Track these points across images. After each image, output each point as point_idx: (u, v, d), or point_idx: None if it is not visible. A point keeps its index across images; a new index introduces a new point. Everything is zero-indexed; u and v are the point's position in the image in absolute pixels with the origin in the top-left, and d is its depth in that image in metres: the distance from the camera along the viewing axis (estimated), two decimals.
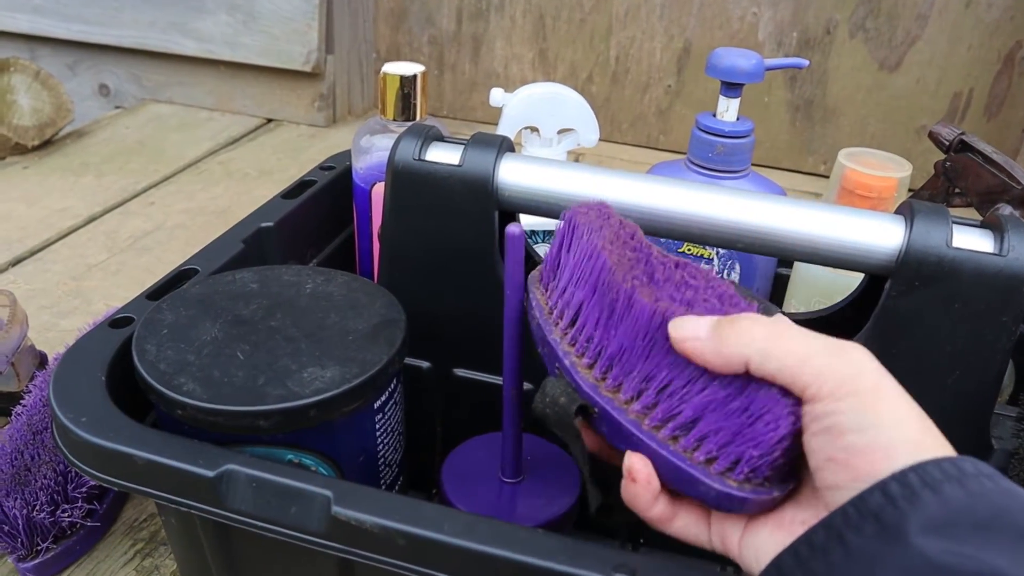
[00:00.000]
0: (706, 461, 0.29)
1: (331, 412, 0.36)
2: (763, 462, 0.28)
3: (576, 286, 0.32)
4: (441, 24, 1.19)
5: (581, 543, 0.30)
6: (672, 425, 0.29)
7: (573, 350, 0.32)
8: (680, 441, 0.29)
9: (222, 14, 1.13)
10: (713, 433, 0.28)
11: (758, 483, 0.29)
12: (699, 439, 0.29)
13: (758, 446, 0.28)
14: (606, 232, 0.32)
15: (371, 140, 0.54)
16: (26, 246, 0.83)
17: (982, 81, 1.02)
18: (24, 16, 1.19)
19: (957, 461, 0.24)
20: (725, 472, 0.29)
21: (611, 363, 0.30)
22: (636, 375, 0.30)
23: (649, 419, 0.30)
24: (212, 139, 1.12)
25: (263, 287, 0.42)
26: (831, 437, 0.26)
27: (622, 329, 0.30)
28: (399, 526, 0.30)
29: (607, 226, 0.33)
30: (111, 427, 0.34)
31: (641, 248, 0.33)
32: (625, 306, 0.30)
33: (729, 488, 0.28)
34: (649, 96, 1.15)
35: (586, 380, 0.31)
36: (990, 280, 0.37)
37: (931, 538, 0.23)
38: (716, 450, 0.28)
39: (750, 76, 0.51)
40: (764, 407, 0.28)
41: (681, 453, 0.29)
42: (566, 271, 0.32)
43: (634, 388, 0.30)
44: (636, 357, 0.30)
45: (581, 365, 0.31)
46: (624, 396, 0.30)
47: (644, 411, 0.30)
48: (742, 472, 0.28)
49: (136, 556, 0.49)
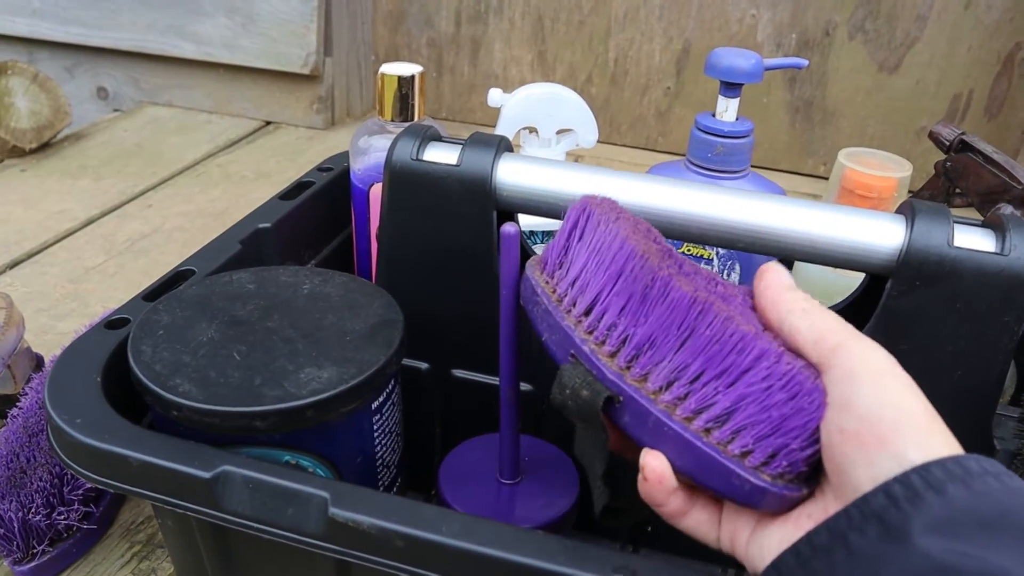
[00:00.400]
0: (741, 454, 0.28)
1: (328, 413, 0.35)
2: (802, 455, 0.28)
3: (595, 274, 0.30)
4: (440, 26, 1.19)
5: (581, 544, 0.30)
6: (706, 416, 0.28)
7: (591, 338, 0.30)
8: (713, 433, 0.28)
9: (220, 17, 1.13)
10: (751, 425, 0.28)
11: (791, 478, 0.28)
12: (735, 431, 0.28)
13: (799, 438, 0.27)
14: (624, 223, 0.31)
15: (369, 141, 0.54)
16: (24, 249, 0.83)
17: (982, 82, 1.02)
18: (23, 19, 1.19)
19: (962, 460, 0.24)
20: (760, 466, 0.28)
21: (638, 352, 0.29)
22: (667, 364, 0.29)
23: (680, 410, 0.28)
24: (210, 142, 1.12)
25: (260, 288, 0.42)
26: (842, 407, 0.27)
27: (654, 317, 0.29)
28: (397, 527, 0.30)
29: (623, 218, 0.32)
30: (106, 428, 0.34)
31: (660, 241, 0.33)
32: (661, 293, 0.29)
33: (763, 482, 0.28)
34: (648, 98, 1.14)
35: (610, 369, 0.29)
36: (992, 280, 0.37)
37: (935, 538, 0.23)
38: (752, 443, 0.28)
39: (749, 76, 0.51)
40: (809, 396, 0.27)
41: (715, 445, 0.28)
42: (580, 258, 0.31)
43: (664, 378, 0.29)
44: (668, 346, 0.29)
45: (602, 353, 0.30)
46: (652, 386, 0.29)
47: (675, 402, 0.29)
48: (779, 466, 0.28)
49: (133, 559, 0.49)
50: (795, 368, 0.28)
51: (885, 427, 0.25)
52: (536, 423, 0.45)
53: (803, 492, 0.28)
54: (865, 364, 0.27)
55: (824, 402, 0.27)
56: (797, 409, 0.27)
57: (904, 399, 0.26)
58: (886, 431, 0.25)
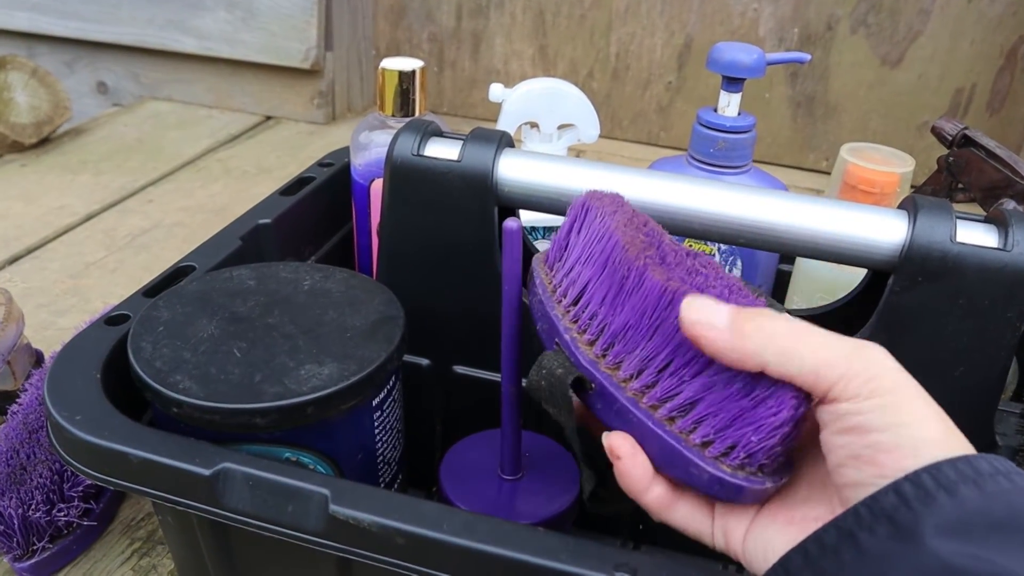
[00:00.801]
0: (702, 444, 0.28)
1: (329, 410, 0.35)
2: (760, 448, 0.28)
3: (584, 265, 0.31)
4: (441, 21, 1.18)
5: (582, 541, 0.30)
6: (670, 406, 0.29)
7: (575, 327, 0.31)
8: (677, 422, 0.29)
9: (221, 11, 1.12)
10: (712, 415, 0.28)
11: (752, 471, 0.28)
12: (696, 421, 0.28)
13: (758, 430, 0.27)
14: (619, 216, 0.32)
15: (370, 136, 0.54)
16: (24, 244, 0.83)
17: (984, 77, 1.01)
18: (23, 13, 1.19)
19: (973, 460, 0.24)
20: (719, 456, 0.28)
21: (613, 340, 0.30)
22: (638, 353, 0.29)
23: (647, 398, 0.29)
24: (211, 137, 1.11)
25: (260, 284, 0.42)
26: (856, 436, 0.26)
27: (629, 306, 0.30)
28: (397, 525, 0.30)
29: (620, 212, 0.32)
30: (106, 425, 0.34)
31: (653, 234, 0.33)
32: (636, 282, 0.29)
33: (722, 472, 0.28)
34: (650, 92, 1.14)
35: (585, 355, 0.31)
36: (994, 275, 0.36)
37: (945, 540, 0.23)
38: (713, 433, 0.28)
39: (751, 71, 0.51)
40: (767, 391, 0.27)
41: (677, 434, 0.29)
42: (575, 251, 0.32)
43: (634, 367, 0.30)
44: (640, 335, 0.29)
45: (582, 341, 0.31)
46: (623, 374, 0.30)
47: (643, 390, 0.29)
48: (737, 458, 0.28)
49: (133, 555, 0.49)
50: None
51: (903, 454, 0.25)
52: (537, 419, 0.45)
53: (766, 486, 0.28)
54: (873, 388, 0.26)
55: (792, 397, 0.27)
56: (756, 402, 0.27)
57: (919, 420, 0.25)
58: (904, 457, 0.25)
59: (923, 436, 0.25)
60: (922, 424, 0.25)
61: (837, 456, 0.26)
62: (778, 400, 0.27)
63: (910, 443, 0.25)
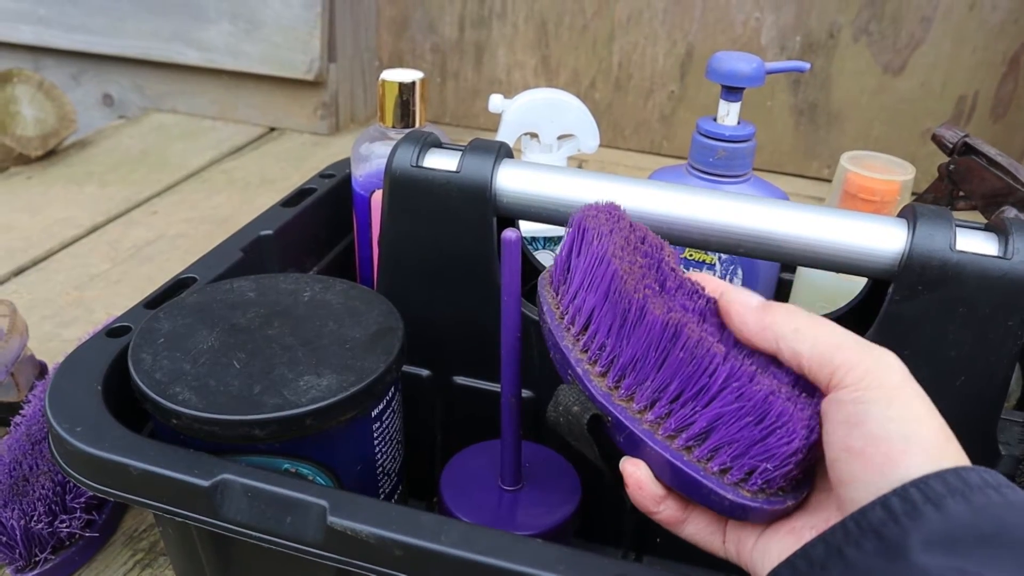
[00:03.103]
0: (720, 472, 0.28)
1: (328, 421, 0.35)
2: (777, 474, 0.28)
3: (587, 292, 0.31)
4: (443, 32, 1.19)
5: (579, 552, 0.30)
6: (686, 436, 0.29)
7: (586, 357, 0.31)
8: (694, 451, 0.29)
9: (224, 23, 1.13)
10: (727, 444, 0.28)
11: (771, 493, 0.28)
12: (713, 450, 0.28)
13: (771, 459, 0.28)
14: (616, 237, 0.32)
15: (370, 147, 0.54)
16: (29, 256, 0.83)
17: (987, 84, 1.01)
18: (28, 27, 1.20)
19: (962, 472, 0.24)
20: (739, 483, 0.28)
21: (624, 372, 0.30)
22: (649, 385, 0.29)
23: (663, 429, 0.29)
24: (215, 148, 1.12)
25: (260, 295, 0.42)
26: (851, 426, 0.26)
27: (635, 339, 0.29)
28: (396, 536, 0.30)
29: (617, 230, 0.32)
30: (106, 437, 0.34)
31: (651, 254, 0.32)
32: (637, 316, 0.29)
33: (743, 499, 0.28)
34: (652, 102, 1.14)
35: (599, 389, 0.30)
36: (995, 283, 0.36)
37: (933, 555, 0.23)
38: (730, 461, 0.28)
39: (750, 80, 0.51)
40: (778, 420, 0.27)
41: (695, 463, 0.29)
42: (576, 276, 0.32)
43: (647, 398, 0.29)
44: (650, 367, 0.29)
45: (594, 373, 0.31)
46: (637, 405, 0.30)
47: (657, 421, 0.29)
48: (756, 483, 0.28)
49: (136, 567, 0.49)
50: (763, 390, 0.28)
51: (893, 447, 0.25)
52: (537, 429, 0.45)
53: (787, 504, 0.28)
54: (875, 380, 0.26)
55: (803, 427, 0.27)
56: (767, 431, 0.28)
57: (915, 418, 0.25)
58: (894, 451, 0.25)
59: (915, 433, 0.25)
60: (917, 423, 0.25)
61: (833, 449, 0.27)
62: (789, 430, 0.27)
63: (901, 438, 0.25)
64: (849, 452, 0.26)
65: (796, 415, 0.27)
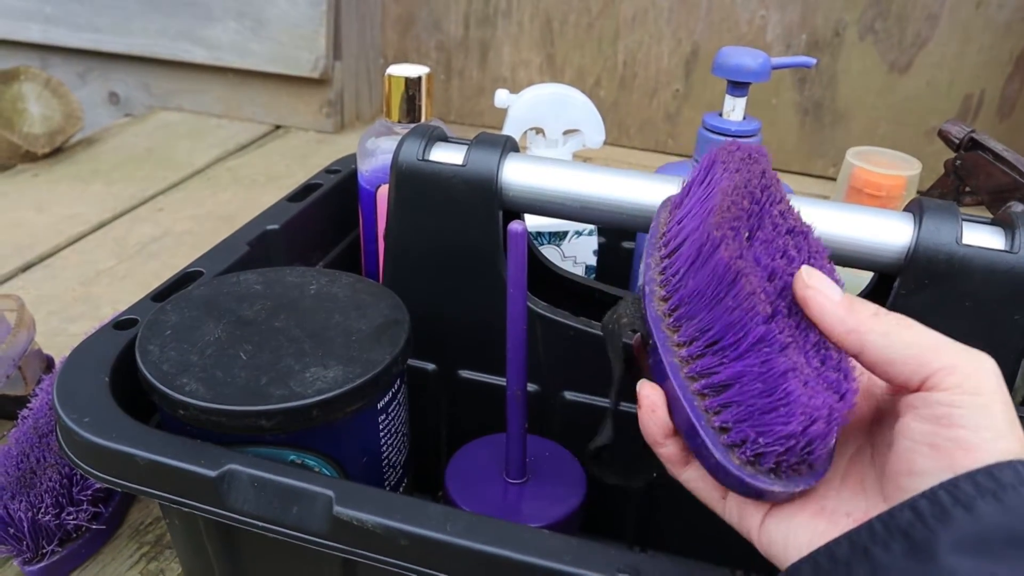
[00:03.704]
0: (720, 428, 0.28)
1: (334, 412, 0.35)
2: (768, 451, 0.27)
3: (690, 220, 0.31)
4: (449, 30, 1.19)
5: (585, 543, 0.30)
6: (705, 382, 0.28)
7: (660, 278, 0.31)
8: (706, 400, 0.28)
9: (230, 21, 1.13)
10: (735, 404, 0.28)
11: (761, 470, 0.28)
12: (722, 405, 0.28)
13: (765, 435, 0.27)
14: (737, 176, 0.31)
15: (376, 142, 0.54)
16: (36, 252, 0.83)
17: (993, 83, 1.01)
18: (36, 25, 1.20)
19: (995, 471, 0.24)
20: (732, 446, 0.28)
21: (681, 302, 0.30)
22: (696, 322, 0.29)
23: (689, 368, 0.29)
24: (221, 146, 1.12)
25: (267, 288, 0.42)
26: (942, 427, 0.25)
27: (701, 273, 0.29)
28: (401, 526, 0.30)
29: (743, 169, 0.32)
30: (113, 428, 0.34)
31: (761, 201, 0.32)
32: (710, 251, 0.29)
33: (728, 462, 0.28)
34: (657, 100, 1.14)
35: (654, 310, 0.31)
36: (1001, 277, 0.36)
37: (962, 557, 0.22)
38: (732, 422, 0.28)
39: (756, 75, 0.51)
40: (785, 399, 0.27)
41: (701, 411, 0.28)
42: (689, 201, 0.32)
43: (690, 334, 0.29)
44: (703, 304, 0.29)
45: (658, 295, 0.31)
46: (679, 338, 0.30)
47: (689, 359, 0.29)
48: (746, 454, 0.28)
49: (142, 559, 0.49)
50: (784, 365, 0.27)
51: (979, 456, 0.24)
52: (542, 423, 0.45)
53: (773, 488, 0.28)
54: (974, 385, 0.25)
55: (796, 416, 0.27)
56: (771, 406, 0.27)
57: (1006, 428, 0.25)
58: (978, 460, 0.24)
59: (1003, 448, 0.24)
60: (1005, 436, 0.25)
61: (911, 441, 0.26)
62: (788, 412, 0.27)
63: (988, 450, 0.24)
64: (934, 449, 0.25)
65: (801, 400, 0.27)
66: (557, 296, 0.45)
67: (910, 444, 0.26)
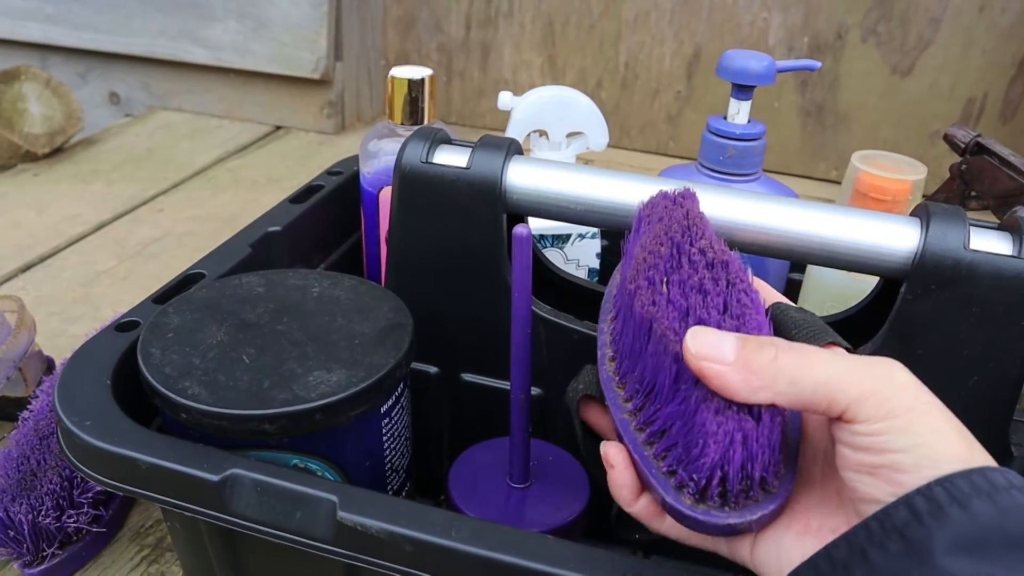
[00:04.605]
0: (668, 472, 0.28)
1: (337, 416, 0.35)
2: (705, 486, 0.27)
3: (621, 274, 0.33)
4: (450, 31, 1.19)
5: (592, 549, 0.29)
6: (649, 431, 0.29)
7: (610, 339, 0.33)
8: (653, 447, 0.29)
9: (231, 22, 1.13)
10: (673, 447, 0.28)
11: (714, 505, 0.28)
12: (665, 450, 0.29)
13: (694, 471, 0.27)
14: (658, 226, 0.32)
15: (378, 144, 0.54)
16: (36, 253, 0.83)
17: (996, 86, 1.01)
18: (36, 25, 1.20)
19: (988, 473, 0.24)
20: (681, 487, 0.28)
21: (622, 359, 0.31)
22: (635, 375, 0.30)
23: (636, 421, 0.30)
24: (221, 147, 1.12)
25: (269, 291, 0.42)
26: (874, 454, 0.25)
27: (628, 327, 0.30)
28: (406, 532, 0.30)
29: (665, 217, 0.32)
30: (115, 431, 0.34)
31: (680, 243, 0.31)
32: (628, 304, 0.31)
33: (681, 504, 0.28)
34: (659, 102, 1.14)
35: (605, 372, 0.32)
36: (1009, 283, 0.36)
37: (958, 557, 0.22)
38: (675, 463, 0.28)
39: (761, 78, 0.51)
40: (700, 431, 0.27)
41: (651, 459, 0.29)
42: (625, 264, 0.33)
43: (632, 388, 0.30)
44: (635, 356, 0.30)
45: (608, 356, 0.32)
46: (625, 394, 0.31)
47: (635, 411, 0.30)
48: (691, 491, 0.28)
49: (142, 562, 0.49)
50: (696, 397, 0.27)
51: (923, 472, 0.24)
52: (545, 427, 0.44)
53: (728, 520, 0.27)
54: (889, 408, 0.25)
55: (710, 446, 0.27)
56: (693, 441, 0.27)
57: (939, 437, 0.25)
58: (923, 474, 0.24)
59: (944, 453, 0.24)
60: (942, 440, 0.25)
61: (853, 471, 0.26)
62: (703, 444, 0.27)
63: (930, 460, 0.24)
64: (875, 476, 0.25)
65: (711, 429, 0.26)
66: (560, 299, 0.45)
67: (852, 475, 0.26)
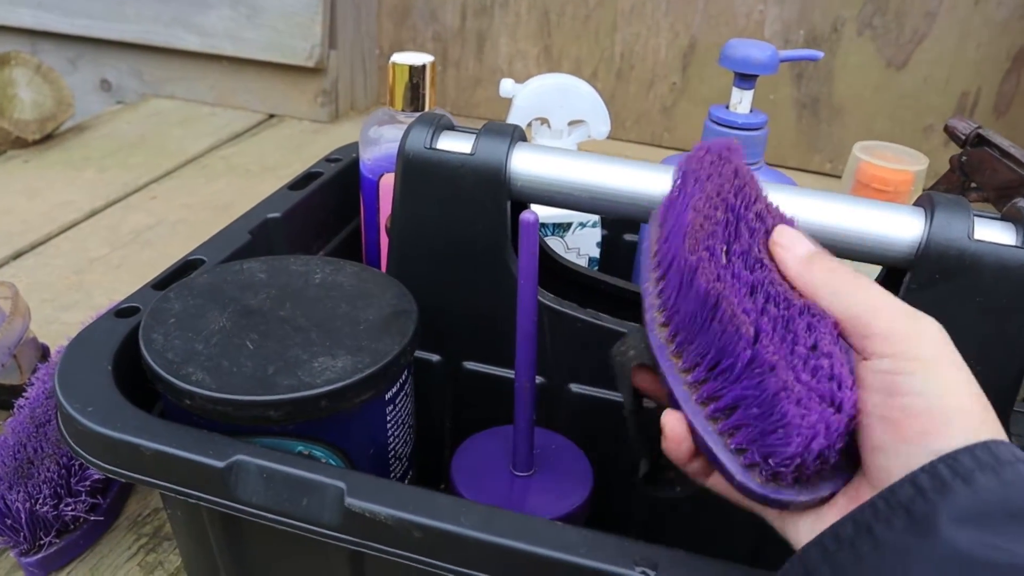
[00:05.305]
0: (737, 451, 0.28)
1: (342, 403, 0.35)
2: (780, 470, 0.27)
3: (671, 239, 0.31)
4: (445, 20, 1.18)
5: (601, 535, 0.29)
6: (714, 406, 0.28)
7: (658, 303, 0.31)
8: (719, 423, 0.28)
9: (225, 8, 1.12)
10: (744, 426, 0.28)
11: (783, 485, 0.28)
12: (734, 427, 0.28)
13: (772, 456, 0.27)
14: (708, 186, 0.31)
15: (379, 131, 0.54)
16: (27, 240, 0.82)
17: (990, 80, 1.01)
18: (27, 10, 1.18)
19: (992, 446, 0.24)
20: (751, 466, 0.28)
21: (679, 329, 0.30)
22: (695, 347, 0.29)
23: (698, 394, 0.29)
24: (214, 134, 1.11)
25: (271, 277, 0.42)
26: (888, 396, 0.25)
27: (688, 298, 0.29)
28: (415, 518, 0.30)
29: (715, 175, 0.31)
30: (118, 417, 0.34)
31: (736, 207, 0.31)
32: (690, 277, 0.29)
33: (751, 482, 0.28)
34: (654, 93, 1.14)
35: (657, 338, 0.30)
36: (1013, 273, 0.36)
37: (963, 530, 0.22)
38: (745, 444, 0.28)
39: (764, 67, 0.50)
40: (780, 420, 0.27)
41: (717, 435, 0.28)
42: (669, 220, 0.32)
43: (691, 360, 0.29)
44: (695, 330, 0.29)
45: (659, 321, 0.30)
46: (683, 364, 0.29)
47: (696, 384, 0.29)
48: (765, 472, 0.28)
49: (140, 551, 0.49)
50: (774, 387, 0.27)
51: (930, 420, 0.24)
52: (549, 416, 0.44)
53: (800, 499, 0.27)
54: (912, 350, 0.26)
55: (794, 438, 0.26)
56: (771, 428, 0.27)
57: (952, 390, 0.25)
58: (931, 424, 0.24)
59: (955, 405, 0.24)
60: (956, 395, 0.25)
61: (867, 416, 0.26)
62: (786, 434, 0.27)
63: (941, 410, 0.24)
64: (884, 421, 0.25)
65: (795, 422, 0.26)
66: (562, 287, 0.45)
67: (867, 420, 0.26)
